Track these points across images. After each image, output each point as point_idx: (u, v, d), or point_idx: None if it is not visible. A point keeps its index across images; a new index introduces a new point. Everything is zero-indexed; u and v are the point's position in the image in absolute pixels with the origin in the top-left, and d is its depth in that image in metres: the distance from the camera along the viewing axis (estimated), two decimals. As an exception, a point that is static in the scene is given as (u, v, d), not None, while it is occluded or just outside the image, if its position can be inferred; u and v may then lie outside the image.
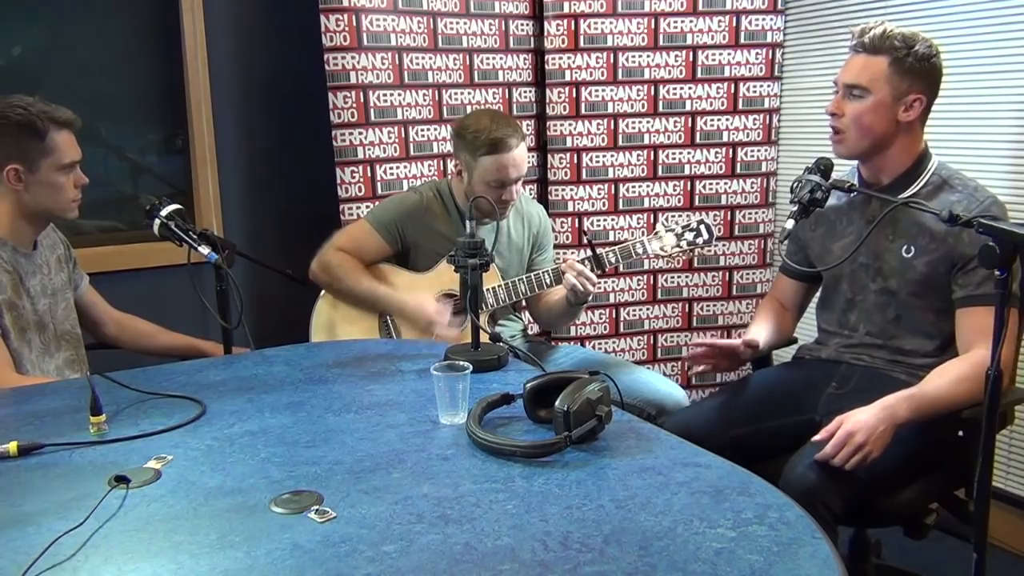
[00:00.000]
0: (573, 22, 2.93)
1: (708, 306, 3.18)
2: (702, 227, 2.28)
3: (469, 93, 2.93)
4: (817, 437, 1.68)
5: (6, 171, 1.86)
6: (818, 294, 2.14)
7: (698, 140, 3.04)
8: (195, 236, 1.97)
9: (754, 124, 3.04)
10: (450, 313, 2.22)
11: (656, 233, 2.28)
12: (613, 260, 2.24)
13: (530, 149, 2.97)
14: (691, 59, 2.98)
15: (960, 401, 1.70)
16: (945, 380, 1.73)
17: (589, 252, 2.21)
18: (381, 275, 2.33)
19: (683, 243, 2.27)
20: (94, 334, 2.21)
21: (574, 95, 2.97)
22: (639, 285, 3.13)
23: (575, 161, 3.02)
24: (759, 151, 3.07)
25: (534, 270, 2.37)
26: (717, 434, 1.89)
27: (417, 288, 2.31)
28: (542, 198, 3.08)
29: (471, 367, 1.43)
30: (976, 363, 1.70)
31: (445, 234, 2.31)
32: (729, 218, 3.10)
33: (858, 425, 1.63)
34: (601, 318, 3.12)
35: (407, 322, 2.26)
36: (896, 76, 1.81)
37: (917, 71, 1.81)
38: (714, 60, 2.99)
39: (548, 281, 2.27)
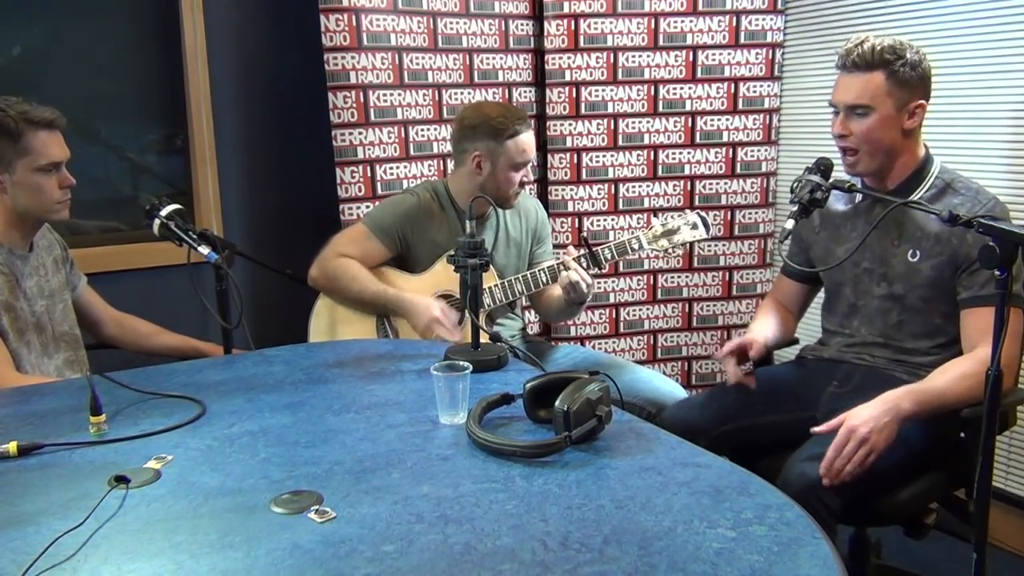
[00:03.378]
0: (573, 22, 2.93)
1: (708, 306, 3.17)
2: (698, 220, 2.28)
3: (469, 93, 2.93)
4: (818, 429, 1.68)
5: None
6: (821, 296, 2.14)
7: (698, 140, 3.04)
8: (195, 236, 1.97)
9: (754, 124, 3.04)
10: (455, 316, 2.22)
11: (652, 228, 2.28)
12: (609, 256, 2.24)
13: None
14: (691, 59, 2.98)
15: (964, 398, 1.70)
16: (948, 376, 1.73)
17: (585, 250, 2.21)
18: (380, 277, 2.33)
19: (680, 237, 2.27)
20: (94, 334, 2.21)
21: (574, 95, 2.97)
22: (639, 285, 3.13)
23: (575, 161, 3.02)
24: (759, 151, 3.07)
25: (535, 263, 2.37)
26: (715, 426, 1.89)
27: (414, 289, 2.30)
28: (542, 198, 3.08)
29: (471, 367, 1.43)
30: (980, 360, 1.70)
31: (444, 235, 2.31)
32: (729, 218, 3.10)
33: (860, 419, 1.63)
34: (601, 318, 3.12)
35: (412, 322, 2.26)
36: (896, 88, 1.81)
37: (913, 79, 1.82)
38: (714, 60, 2.99)
39: (544, 280, 2.27)
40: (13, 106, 1.85)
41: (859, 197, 1.97)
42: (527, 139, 2.25)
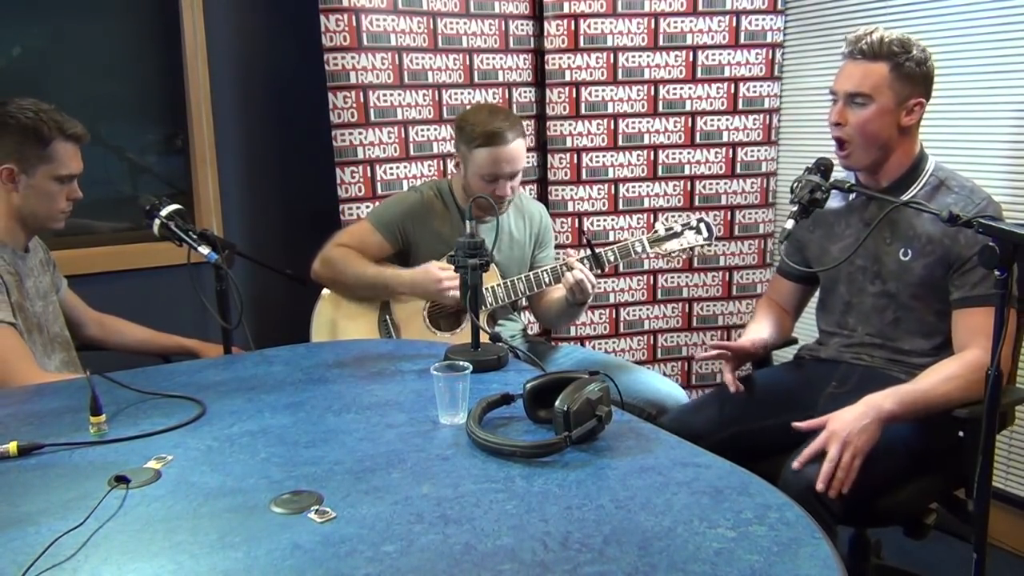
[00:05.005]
0: (573, 22, 2.93)
1: (708, 306, 3.18)
2: (702, 225, 2.28)
3: (469, 93, 2.93)
4: (799, 425, 1.69)
5: (0, 169, 1.86)
6: (816, 295, 2.14)
7: (698, 140, 3.04)
8: (195, 236, 1.97)
9: (754, 124, 3.04)
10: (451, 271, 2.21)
11: (655, 232, 2.28)
12: (612, 259, 2.24)
13: (530, 149, 2.97)
14: (691, 59, 2.98)
15: (950, 398, 1.70)
16: (935, 378, 1.73)
17: (588, 251, 2.21)
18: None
19: (683, 242, 2.27)
20: (76, 336, 2.20)
21: (574, 95, 2.97)
22: (639, 285, 3.13)
23: (575, 161, 3.02)
24: (759, 151, 3.07)
25: (535, 268, 2.37)
26: (715, 431, 1.89)
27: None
28: (542, 198, 3.08)
29: (471, 367, 1.43)
30: (967, 362, 1.71)
31: (446, 233, 2.31)
32: (729, 218, 3.10)
33: (840, 423, 1.64)
34: (601, 318, 3.12)
35: (419, 293, 2.26)
36: (898, 82, 1.80)
37: (916, 75, 1.81)
38: (714, 60, 2.99)
39: (547, 280, 2.27)
40: (47, 112, 1.88)
41: (852, 194, 1.96)
42: (498, 152, 2.16)
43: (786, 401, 1.98)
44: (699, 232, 2.28)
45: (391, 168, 2.79)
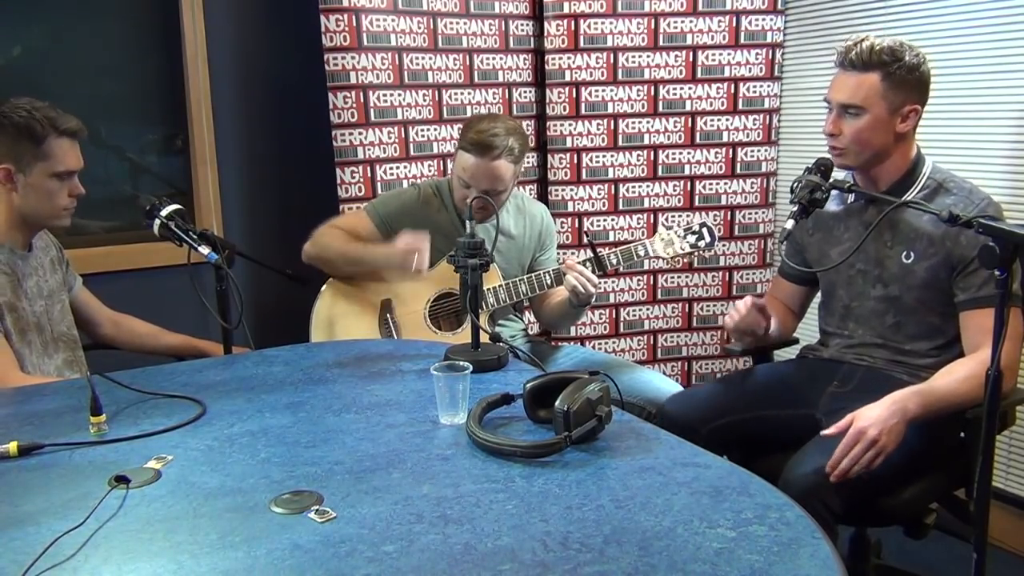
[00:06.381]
0: (573, 22, 2.93)
1: (708, 306, 3.18)
2: (704, 230, 2.27)
3: (469, 93, 2.93)
4: (827, 431, 1.66)
5: None
6: (818, 297, 2.14)
7: (698, 140, 3.04)
8: (195, 236, 1.97)
9: (754, 124, 3.04)
10: (425, 241, 2.18)
11: (658, 235, 2.28)
12: (615, 262, 2.24)
13: (530, 149, 2.96)
14: (691, 59, 2.98)
15: (967, 399, 1.69)
16: (952, 378, 1.73)
17: (590, 253, 2.21)
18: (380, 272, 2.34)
19: (685, 246, 2.27)
20: (90, 335, 2.21)
21: (574, 95, 2.97)
22: (639, 285, 3.13)
23: (575, 161, 3.02)
24: (759, 151, 3.07)
25: (536, 270, 2.37)
26: (714, 417, 1.89)
27: (416, 285, 2.31)
28: (542, 198, 3.08)
29: (471, 367, 1.43)
30: (983, 362, 1.70)
31: (441, 231, 2.32)
32: (729, 218, 3.10)
33: (869, 420, 1.62)
34: (601, 318, 3.12)
35: (391, 265, 2.22)
36: (890, 91, 1.80)
37: (909, 83, 1.81)
38: (714, 60, 2.99)
39: (549, 281, 2.27)
40: (40, 110, 1.87)
41: (851, 198, 1.96)
42: (478, 163, 2.17)
43: (787, 395, 1.98)
44: (701, 237, 2.27)
45: (391, 168, 2.80)
